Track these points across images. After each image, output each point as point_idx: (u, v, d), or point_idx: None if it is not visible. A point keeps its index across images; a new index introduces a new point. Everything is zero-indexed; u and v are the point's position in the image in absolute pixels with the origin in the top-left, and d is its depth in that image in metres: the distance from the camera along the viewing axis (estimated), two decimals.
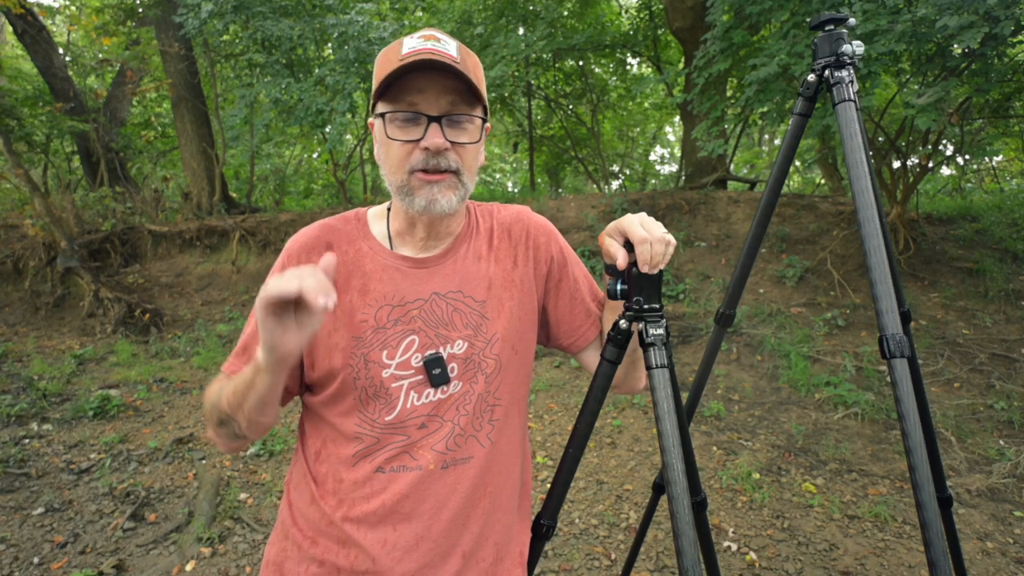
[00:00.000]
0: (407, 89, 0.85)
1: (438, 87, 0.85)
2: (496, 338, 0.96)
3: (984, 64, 3.91)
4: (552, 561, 2.50)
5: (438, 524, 0.92)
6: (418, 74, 0.84)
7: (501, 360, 0.96)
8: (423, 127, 0.85)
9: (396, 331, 0.92)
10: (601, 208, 6.59)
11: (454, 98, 0.86)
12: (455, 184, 0.88)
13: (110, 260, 7.06)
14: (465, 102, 0.87)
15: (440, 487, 0.92)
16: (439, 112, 0.85)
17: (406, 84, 0.84)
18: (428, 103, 0.85)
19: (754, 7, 4.48)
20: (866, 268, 1.05)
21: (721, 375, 4.31)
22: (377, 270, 0.94)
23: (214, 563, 2.52)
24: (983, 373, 3.94)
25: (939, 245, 5.40)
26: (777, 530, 2.66)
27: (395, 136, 0.86)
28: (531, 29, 8.00)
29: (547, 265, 1.04)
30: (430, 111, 0.85)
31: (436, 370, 0.91)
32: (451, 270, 0.96)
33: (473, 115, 0.88)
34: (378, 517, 0.91)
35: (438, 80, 0.85)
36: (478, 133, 0.90)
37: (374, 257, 0.95)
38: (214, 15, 5.99)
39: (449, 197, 0.88)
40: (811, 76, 1.24)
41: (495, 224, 1.03)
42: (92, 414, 4.00)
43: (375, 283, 0.93)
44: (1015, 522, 2.67)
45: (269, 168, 11.11)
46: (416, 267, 0.95)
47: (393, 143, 0.86)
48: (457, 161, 0.87)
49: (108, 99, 8.83)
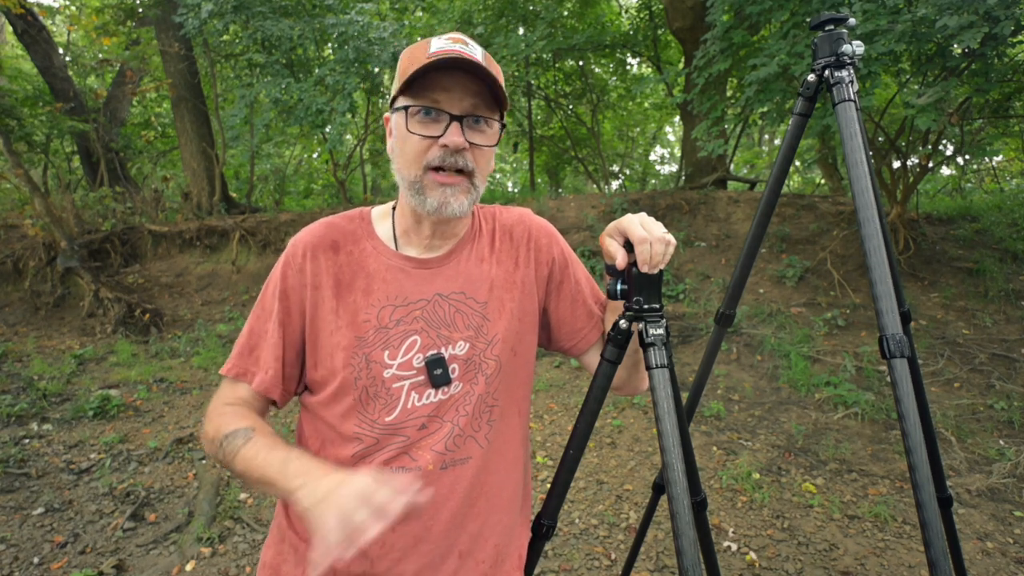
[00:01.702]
0: (432, 86, 0.86)
1: (463, 88, 0.86)
2: (497, 339, 0.96)
3: (984, 64, 3.91)
4: (552, 561, 2.50)
5: (437, 524, 0.92)
6: (445, 73, 0.85)
7: (501, 361, 0.96)
8: (444, 124, 0.86)
9: (398, 331, 0.92)
10: (601, 208, 6.59)
11: (477, 100, 0.87)
12: (468, 188, 0.89)
13: (110, 260, 7.06)
14: (487, 105, 0.88)
15: (439, 487, 0.92)
16: (461, 112, 0.86)
17: (432, 81, 0.85)
18: (452, 102, 0.86)
19: (754, 7, 4.48)
20: (866, 268, 1.05)
21: (721, 375, 4.31)
22: (381, 270, 0.94)
23: (214, 563, 2.52)
24: (983, 373, 3.94)
25: (939, 245, 5.40)
26: (777, 530, 2.66)
27: (415, 130, 0.87)
28: (531, 29, 8.00)
29: (548, 267, 1.04)
30: (453, 110, 0.86)
31: (438, 371, 0.91)
32: (454, 271, 0.96)
33: (493, 119, 0.89)
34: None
35: (463, 81, 0.86)
36: (495, 137, 0.91)
37: (378, 257, 0.95)
38: (214, 15, 5.99)
39: (461, 201, 0.89)
40: (811, 76, 1.24)
41: (497, 226, 1.03)
42: (92, 414, 3.99)
43: (378, 283, 0.93)
44: (1015, 522, 2.67)
45: (269, 168, 11.11)
46: (420, 267, 0.95)
47: (412, 137, 0.87)
48: (472, 163, 0.88)
49: (108, 99, 8.82)
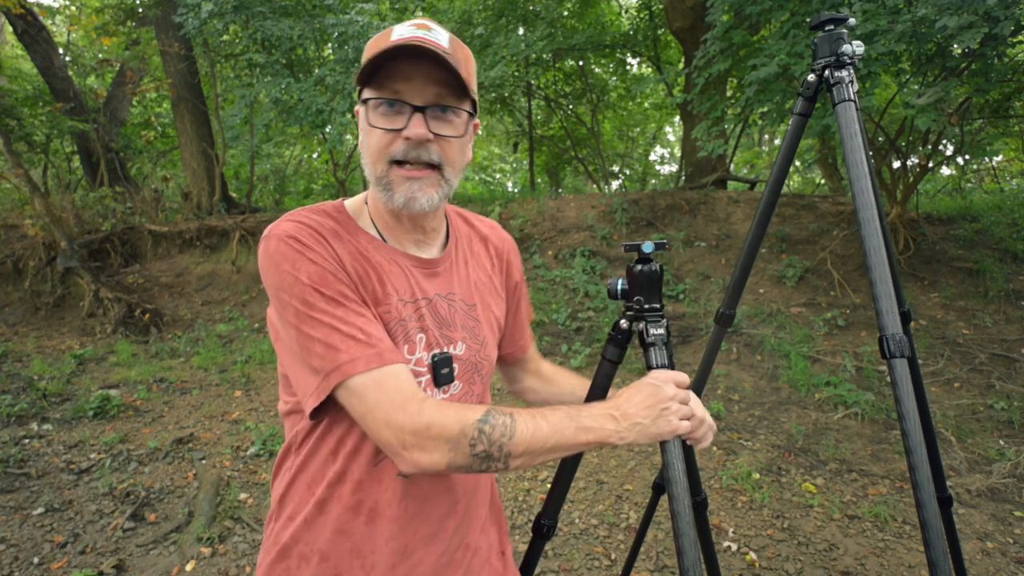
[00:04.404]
0: (394, 76, 0.81)
1: (425, 76, 0.82)
2: (486, 341, 0.99)
3: (984, 64, 3.91)
4: (552, 561, 2.50)
5: (437, 521, 0.94)
6: (406, 61, 0.81)
7: (491, 361, 1.00)
8: (406, 116, 0.82)
9: (412, 327, 0.89)
10: (601, 208, 6.59)
11: (441, 89, 0.83)
12: (437, 181, 0.85)
13: (110, 260, 7.06)
14: (452, 94, 0.84)
15: (437, 486, 0.94)
16: (424, 102, 0.82)
17: (393, 71, 0.81)
18: (413, 92, 0.82)
19: (754, 7, 4.48)
20: (866, 268, 1.05)
21: (721, 375, 4.31)
22: (384, 263, 0.89)
23: (214, 563, 2.52)
24: (983, 373, 3.94)
25: (939, 245, 5.39)
26: (777, 530, 2.66)
27: (377, 124, 0.83)
28: (531, 29, 7.99)
29: (514, 283, 1.10)
30: (414, 100, 0.82)
31: (444, 370, 0.90)
32: (449, 274, 0.96)
33: (460, 108, 0.85)
34: (377, 512, 0.91)
35: (426, 69, 0.81)
36: (464, 127, 0.86)
37: (377, 251, 0.89)
38: (214, 15, 5.99)
39: (430, 195, 0.85)
40: (811, 76, 1.24)
41: (472, 232, 1.06)
42: (92, 414, 3.99)
43: (387, 276, 0.88)
44: (1015, 522, 2.67)
45: (269, 168, 11.11)
46: (420, 266, 0.93)
47: (375, 131, 0.83)
48: (439, 155, 0.84)
49: (108, 99, 8.82)
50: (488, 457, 0.76)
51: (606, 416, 0.82)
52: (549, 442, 0.78)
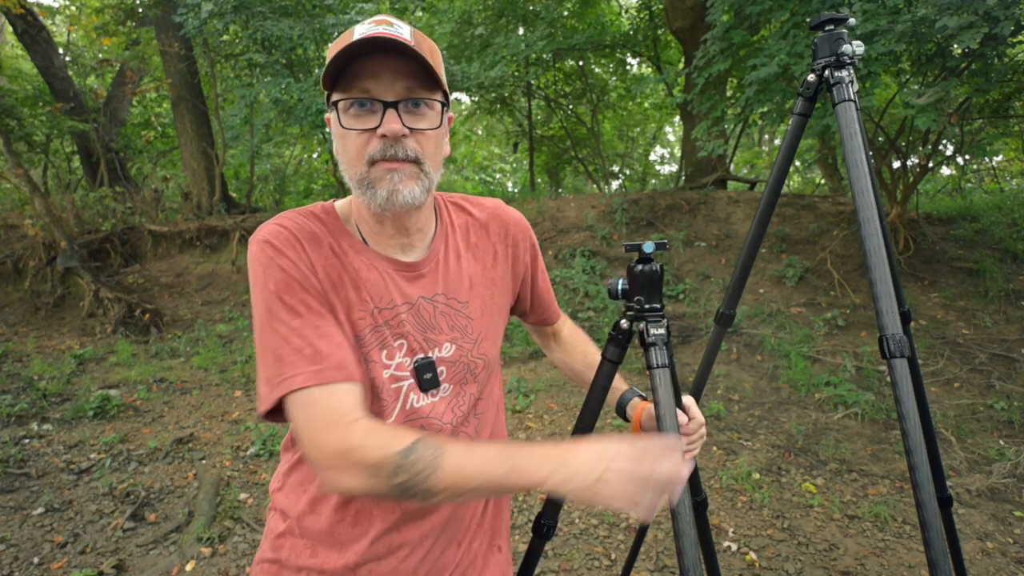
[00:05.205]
0: (360, 75, 0.80)
1: (392, 71, 0.80)
2: (481, 338, 0.96)
3: (984, 64, 3.91)
4: (552, 561, 2.50)
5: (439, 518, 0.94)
6: (369, 58, 0.79)
7: (487, 358, 0.97)
8: (379, 114, 0.80)
9: (390, 333, 0.89)
10: (601, 208, 6.59)
11: (410, 83, 0.81)
12: (416, 174, 0.83)
13: (110, 260, 7.06)
14: (423, 86, 0.82)
15: None
16: (395, 97, 0.80)
17: (359, 70, 0.80)
18: (383, 88, 0.80)
19: (754, 7, 4.48)
20: (866, 268, 1.05)
21: (721, 375, 4.31)
22: (364, 268, 0.88)
23: (214, 563, 2.52)
24: (983, 373, 3.94)
25: (939, 245, 5.40)
26: (777, 530, 2.66)
27: (350, 125, 0.81)
28: (531, 29, 8.00)
29: (524, 262, 1.07)
30: (385, 96, 0.80)
31: (427, 375, 0.90)
32: (435, 274, 0.94)
33: (432, 99, 0.83)
34: (365, 511, 0.92)
35: (392, 63, 0.80)
36: (438, 119, 0.85)
37: (358, 256, 0.88)
38: (214, 15, 5.99)
39: (412, 188, 0.83)
40: (811, 76, 1.24)
41: (470, 220, 1.01)
42: (92, 414, 3.99)
43: (364, 282, 0.88)
44: (1015, 522, 2.67)
45: (269, 168, 11.11)
46: (401, 271, 0.91)
47: (349, 133, 0.82)
48: (417, 149, 0.83)
49: (108, 99, 8.83)
50: (408, 489, 0.73)
51: (553, 459, 0.73)
52: (474, 482, 0.73)
